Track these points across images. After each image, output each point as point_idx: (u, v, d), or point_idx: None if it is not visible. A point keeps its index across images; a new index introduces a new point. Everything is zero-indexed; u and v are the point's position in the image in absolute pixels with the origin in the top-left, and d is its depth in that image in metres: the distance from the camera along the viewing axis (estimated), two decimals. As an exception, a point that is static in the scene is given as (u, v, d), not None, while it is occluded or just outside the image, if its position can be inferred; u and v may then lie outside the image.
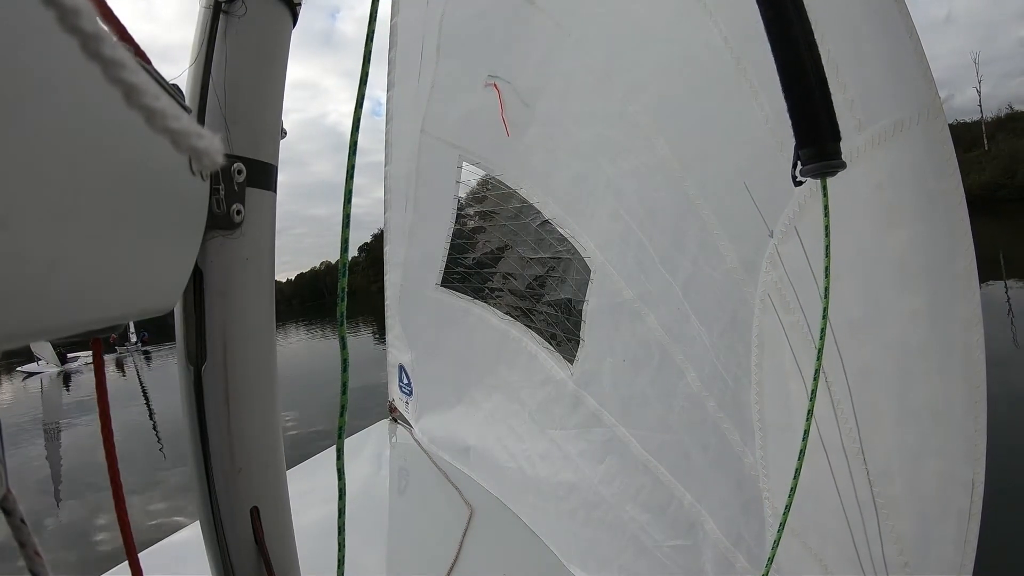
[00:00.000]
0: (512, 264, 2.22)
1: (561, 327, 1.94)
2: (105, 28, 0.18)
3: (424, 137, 2.49)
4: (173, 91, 0.48)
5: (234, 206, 0.61)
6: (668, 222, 1.44)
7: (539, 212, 1.99)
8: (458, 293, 2.51)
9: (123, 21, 0.36)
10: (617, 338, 1.66)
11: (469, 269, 2.46)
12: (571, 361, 1.86)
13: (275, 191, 0.67)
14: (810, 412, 0.82)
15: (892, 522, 1.01)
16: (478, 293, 2.42)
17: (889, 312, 1.02)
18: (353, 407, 0.59)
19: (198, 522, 0.66)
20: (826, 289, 0.79)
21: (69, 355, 23.26)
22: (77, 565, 4.79)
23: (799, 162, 0.64)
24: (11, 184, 0.22)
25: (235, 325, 0.63)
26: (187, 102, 0.62)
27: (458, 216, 2.46)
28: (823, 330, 0.80)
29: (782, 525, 0.82)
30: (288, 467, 0.71)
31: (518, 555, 1.84)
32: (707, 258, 1.32)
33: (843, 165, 0.63)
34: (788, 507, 0.82)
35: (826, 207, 0.75)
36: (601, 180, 1.66)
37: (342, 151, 0.53)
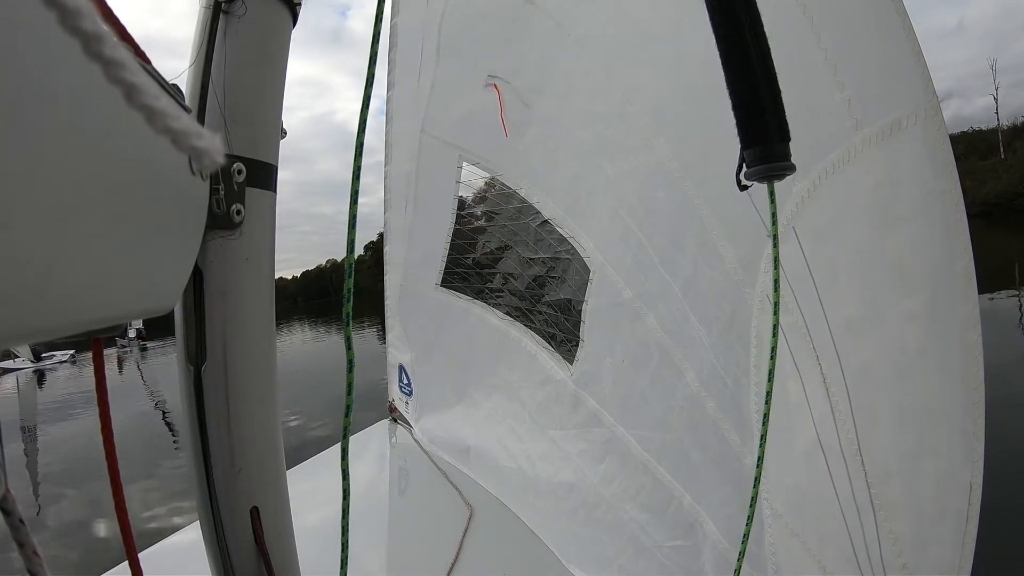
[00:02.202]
0: (512, 264, 2.23)
1: (561, 327, 1.94)
2: (106, 28, 0.18)
3: (424, 137, 2.49)
4: (173, 91, 0.48)
5: (234, 206, 0.61)
6: (667, 222, 1.44)
7: (539, 212, 1.99)
8: (458, 293, 2.52)
9: (123, 22, 0.36)
10: (616, 338, 1.66)
11: (469, 269, 2.46)
12: (571, 361, 1.87)
13: (275, 191, 0.67)
14: (769, 393, 0.81)
15: (890, 523, 1.01)
16: (478, 293, 2.42)
17: (887, 312, 1.02)
18: (357, 408, 0.59)
19: (198, 522, 0.66)
20: (775, 304, 0.74)
21: (43, 354, 22.95)
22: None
23: (744, 164, 0.59)
24: (11, 184, 0.22)
25: (235, 325, 0.63)
26: (187, 102, 0.62)
27: (462, 216, 2.46)
28: (773, 350, 0.75)
29: (753, 499, 0.81)
30: (288, 467, 0.71)
31: (518, 555, 1.84)
32: (706, 258, 1.32)
33: (792, 168, 0.58)
34: (757, 479, 0.80)
35: (773, 215, 0.68)
36: (600, 180, 1.66)
37: (349, 149, 0.53)
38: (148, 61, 0.42)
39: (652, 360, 1.51)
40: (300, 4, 0.68)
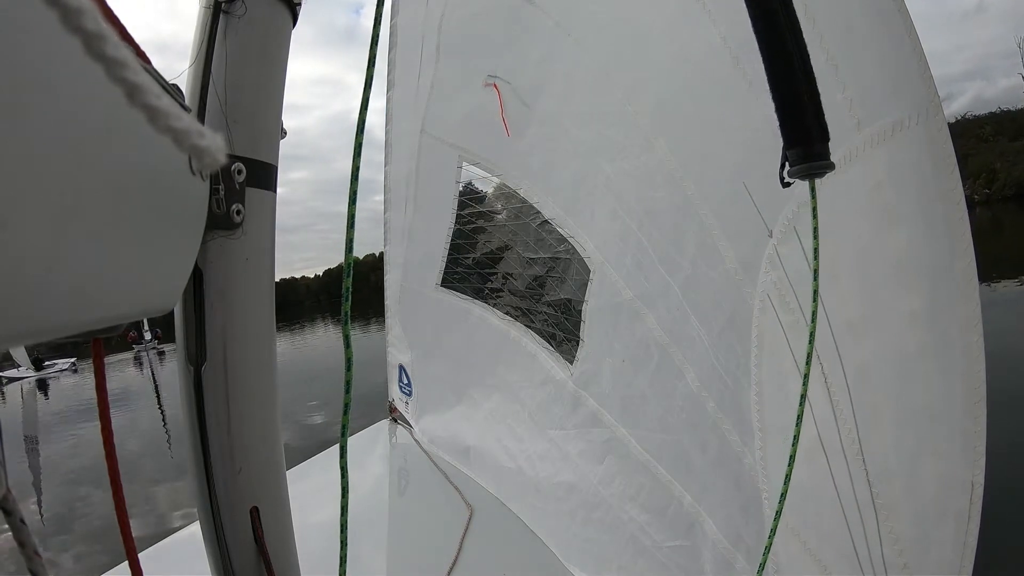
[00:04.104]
0: (512, 264, 2.22)
1: (561, 327, 1.94)
2: (108, 28, 0.18)
3: (424, 137, 2.49)
4: (173, 91, 0.48)
5: (234, 206, 0.61)
6: (667, 222, 1.44)
7: (539, 212, 1.99)
8: (458, 293, 2.51)
9: (124, 23, 0.36)
10: (616, 338, 1.66)
11: (469, 269, 2.46)
12: (571, 361, 1.86)
13: (275, 191, 0.67)
14: (802, 400, 0.81)
15: (891, 523, 1.01)
16: (478, 293, 2.42)
17: (888, 312, 1.02)
18: (375, 403, 0.59)
19: (198, 522, 0.66)
20: (815, 292, 0.77)
21: (46, 362, 22.60)
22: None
23: (787, 163, 0.63)
24: (11, 184, 0.22)
25: (235, 325, 0.63)
26: (187, 102, 0.62)
27: (463, 216, 2.46)
28: (812, 334, 0.79)
29: (778, 513, 0.81)
30: (288, 467, 0.71)
31: (518, 555, 1.84)
32: (706, 258, 1.32)
33: (831, 166, 0.62)
34: (783, 495, 0.81)
35: (814, 209, 0.73)
36: (600, 180, 1.66)
37: (368, 147, 0.53)
38: (148, 61, 0.42)
39: (652, 360, 1.51)
40: (300, 4, 0.67)
